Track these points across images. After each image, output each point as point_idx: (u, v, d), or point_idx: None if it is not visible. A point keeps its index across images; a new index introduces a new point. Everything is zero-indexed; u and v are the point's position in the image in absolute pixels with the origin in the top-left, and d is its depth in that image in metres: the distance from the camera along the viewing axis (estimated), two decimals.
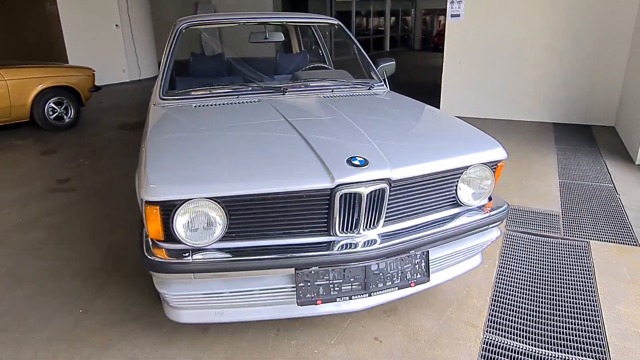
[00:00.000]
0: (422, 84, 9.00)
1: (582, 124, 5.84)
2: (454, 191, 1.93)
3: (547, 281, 2.42)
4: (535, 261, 2.62)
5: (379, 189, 1.68)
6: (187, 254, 1.63)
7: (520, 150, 4.78)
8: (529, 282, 2.42)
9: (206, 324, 2.06)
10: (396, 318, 2.15)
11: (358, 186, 1.64)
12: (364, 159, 1.70)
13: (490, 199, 2.08)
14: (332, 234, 1.72)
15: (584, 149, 4.78)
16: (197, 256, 1.64)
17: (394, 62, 3.13)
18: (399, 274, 1.78)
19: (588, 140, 5.15)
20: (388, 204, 1.74)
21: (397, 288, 1.79)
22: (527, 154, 4.63)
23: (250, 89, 2.66)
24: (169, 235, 1.63)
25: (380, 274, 1.75)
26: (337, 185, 1.62)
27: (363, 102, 2.60)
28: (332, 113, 2.25)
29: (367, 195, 1.66)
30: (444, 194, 1.92)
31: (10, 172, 4.38)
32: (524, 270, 2.53)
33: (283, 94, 2.61)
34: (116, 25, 10.50)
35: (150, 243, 1.68)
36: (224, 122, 2.23)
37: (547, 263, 2.60)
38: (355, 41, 3.19)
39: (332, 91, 2.71)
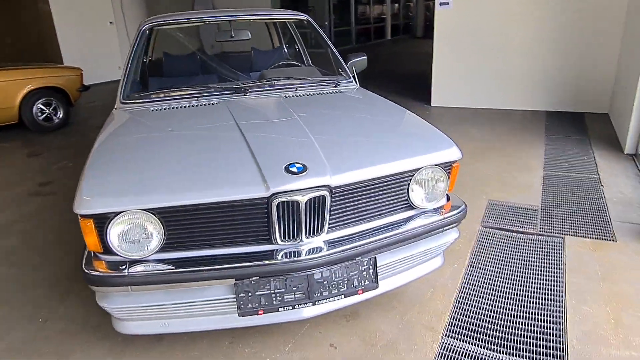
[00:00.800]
0: (418, 74, 8.84)
1: (576, 111, 5.69)
2: (406, 194, 1.88)
3: (516, 281, 2.36)
4: (506, 259, 2.56)
5: (319, 196, 1.63)
6: (124, 267, 1.61)
7: (507, 141, 4.67)
8: (497, 282, 2.36)
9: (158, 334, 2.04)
10: (355, 323, 2.11)
11: (295, 194, 1.59)
12: (303, 165, 1.65)
13: (448, 198, 2.03)
14: (273, 242, 1.68)
15: (574, 138, 4.66)
16: (137, 268, 1.61)
17: (365, 58, 3.06)
18: (345, 282, 1.74)
19: (579, 128, 5.02)
20: (332, 210, 1.70)
21: (343, 296, 1.75)
22: (514, 145, 4.53)
23: (212, 90, 2.61)
24: (107, 247, 1.60)
25: (325, 282, 1.71)
26: (273, 194, 1.57)
27: (324, 101, 2.54)
28: (286, 115, 2.20)
29: (306, 203, 1.62)
30: (395, 197, 1.86)
31: None
32: (494, 269, 2.47)
33: (244, 95, 2.56)
34: (110, 22, 10.48)
35: (92, 255, 1.67)
36: (173, 127, 2.18)
37: (518, 261, 2.54)
38: (325, 36, 3.12)
39: (296, 90, 2.65)
